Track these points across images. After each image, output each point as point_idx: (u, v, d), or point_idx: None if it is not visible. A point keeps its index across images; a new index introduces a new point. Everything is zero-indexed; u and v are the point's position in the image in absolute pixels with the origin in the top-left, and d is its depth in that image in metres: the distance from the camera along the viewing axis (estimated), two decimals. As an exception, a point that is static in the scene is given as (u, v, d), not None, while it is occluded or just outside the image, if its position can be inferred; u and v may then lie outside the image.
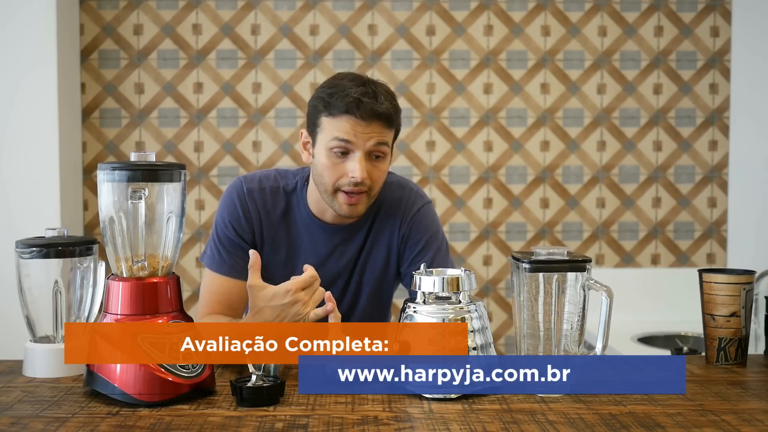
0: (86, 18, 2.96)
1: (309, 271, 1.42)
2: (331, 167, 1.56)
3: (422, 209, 1.73)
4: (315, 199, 1.67)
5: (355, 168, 1.54)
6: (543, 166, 3.05)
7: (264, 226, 1.68)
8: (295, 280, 1.40)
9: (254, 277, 1.42)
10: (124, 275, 1.25)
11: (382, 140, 1.56)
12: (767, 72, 2.83)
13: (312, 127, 1.60)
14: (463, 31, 3.02)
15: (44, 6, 2.69)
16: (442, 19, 3.01)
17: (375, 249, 1.71)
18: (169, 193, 1.27)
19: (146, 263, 1.26)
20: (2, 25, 2.69)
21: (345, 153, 1.55)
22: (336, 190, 1.57)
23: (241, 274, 1.63)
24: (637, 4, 3.04)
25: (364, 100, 1.52)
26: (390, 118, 1.56)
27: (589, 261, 1.26)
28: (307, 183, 1.69)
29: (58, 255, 1.37)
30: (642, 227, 3.08)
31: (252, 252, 1.42)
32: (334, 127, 1.55)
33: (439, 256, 1.70)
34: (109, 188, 1.24)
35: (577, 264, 1.25)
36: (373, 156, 1.57)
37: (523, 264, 1.26)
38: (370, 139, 1.54)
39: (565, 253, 1.27)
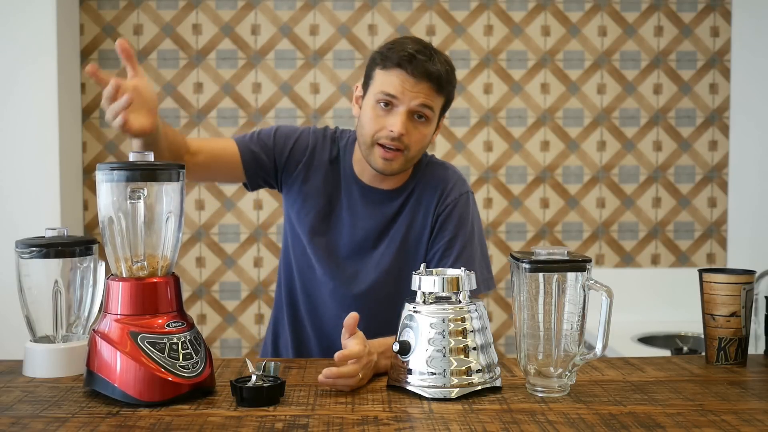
0: (86, 18, 2.96)
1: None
2: (373, 118, 1.59)
3: (463, 197, 1.73)
4: (358, 157, 1.70)
5: (395, 122, 1.56)
6: (543, 166, 3.05)
7: (308, 165, 1.71)
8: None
9: None
10: (124, 275, 1.25)
11: (428, 102, 1.58)
12: (767, 72, 2.83)
13: (366, 80, 1.65)
14: (463, 31, 3.01)
15: (44, 6, 2.69)
16: (442, 19, 3.01)
17: (408, 223, 1.70)
18: (167, 193, 1.27)
19: (146, 263, 1.26)
20: (2, 25, 2.69)
21: (389, 106, 1.58)
22: (374, 143, 1.60)
23: (244, 152, 1.68)
24: (637, 4, 3.04)
25: (417, 57, 1.56)
26: (440, 81, 1.57)
27: (589, 261, 1.26)
28: (356, 140, 1.73)
29: (58, 255, 1.37)
30: (642, 227, 3.08)
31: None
32: (384, 80, 1.58)
33: (467, 250, 1.69)
34: (108, 188, 1.24)
35: (577, 264, 1.25)
36: (416, 116, 1.59)
37: (523, 264, 1.26)
38: (416, 98, 1.56)
39: (565, 253, 1.26)
